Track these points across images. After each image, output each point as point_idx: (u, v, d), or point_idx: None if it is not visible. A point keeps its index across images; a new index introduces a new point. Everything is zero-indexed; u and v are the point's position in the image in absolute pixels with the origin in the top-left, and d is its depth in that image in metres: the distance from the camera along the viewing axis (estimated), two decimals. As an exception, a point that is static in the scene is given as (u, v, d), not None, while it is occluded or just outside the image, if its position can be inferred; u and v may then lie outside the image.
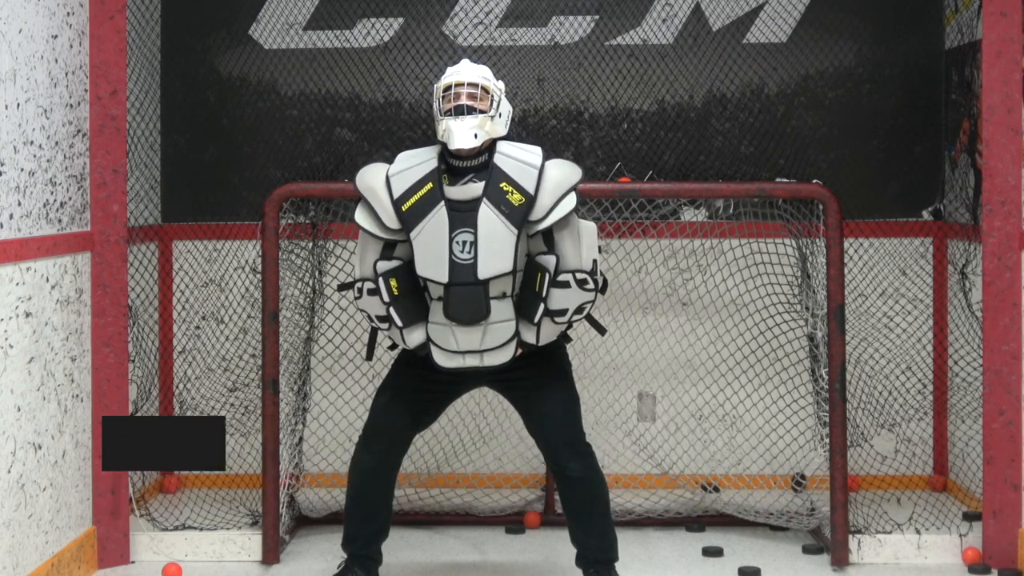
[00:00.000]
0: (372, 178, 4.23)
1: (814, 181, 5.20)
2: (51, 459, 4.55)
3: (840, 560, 4.95)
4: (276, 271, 5.04)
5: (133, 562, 5.02)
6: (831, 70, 5.79)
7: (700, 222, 5.73)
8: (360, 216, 4.23)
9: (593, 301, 4.22)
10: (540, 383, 4.34)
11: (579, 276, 4.17)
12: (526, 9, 5.80)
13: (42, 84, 4.47)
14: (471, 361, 4.20)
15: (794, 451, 5.74)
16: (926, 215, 5.83)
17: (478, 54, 5.75)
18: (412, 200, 4.15)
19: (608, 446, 5.84)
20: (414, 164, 4.21)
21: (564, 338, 4.39)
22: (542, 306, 4.16)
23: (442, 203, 4.13)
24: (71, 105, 4.72)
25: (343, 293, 5.64)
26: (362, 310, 4.29)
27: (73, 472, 4.75)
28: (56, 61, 4.59)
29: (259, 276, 5.63)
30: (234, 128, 5.83)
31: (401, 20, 5.80)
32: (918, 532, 5.04)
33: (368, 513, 4.46)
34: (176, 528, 5.12)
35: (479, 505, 5.60)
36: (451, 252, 4.11)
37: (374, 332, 4.39)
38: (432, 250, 4.12)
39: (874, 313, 5.82)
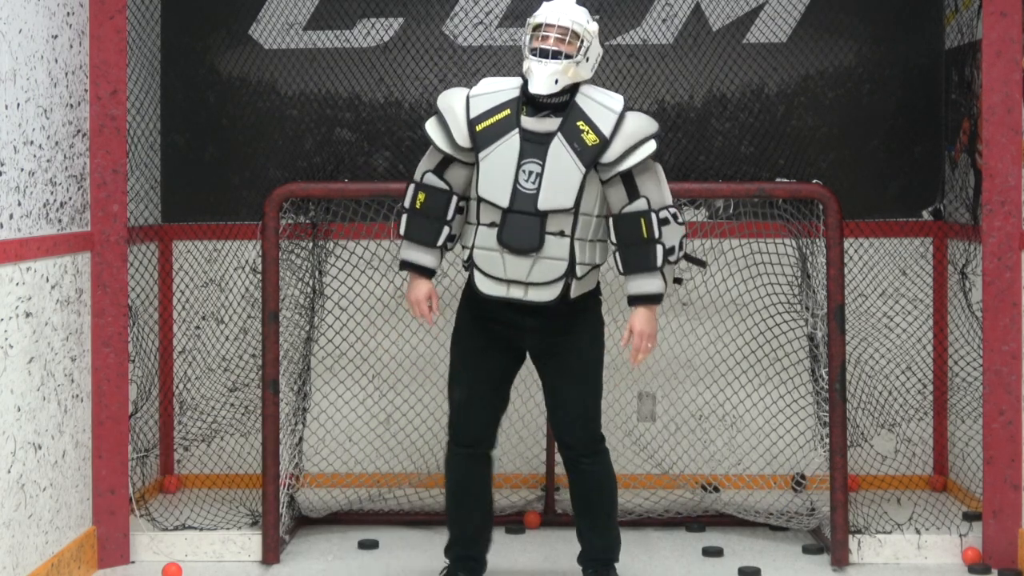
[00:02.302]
0: (452, 97, 4.26)
1: (814, 181, 5.20)
2: (51, 459, 4.55)
3: (840, 560, 4.95)
4: (276, 271, 5.04)
5: (133, 562, 5.02)
6: (831, 70, 5.79)
7: (700, 222, 5.73)
8: (431, 127, 4.26)
9: (686, 235, 4.26)
10: (571, 370, 4.33)
11: (672, 211, 4.22)
12: (526, 9, 5.79)
13: (42, 84, 4.47)
14: (515, 292, 4.19)
15: (794, 451, 5.74)
16: (926, 215, 5.83)
17: (478, 54, 5.75)
18: (488, 122, 4.17)
19: (608, 446, 5.83)
20: (496, 89, 4.23)
21: (677, 280, 4.39)
22: (659, 247, 4.17)
23: (516, 131, 4.15)
24: (71, 105, 4.72)
25: (344, 292, 5.64)
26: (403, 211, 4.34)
27: (73, 472, 4.75)
28: (56, 61, 4.59)
29: (259, 276, 5.63)
30: (234, 128, 5.83)
31: (401, 20, 5.80)
32: (918, 532, 5.04)
33: (467, 510, 4.44)
34: (176, 528, 5.12)
35: (479, 505, 5.60)
36: (516, 179, 4.13)
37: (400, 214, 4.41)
38: (498, 174, 4.14)
39: (874, 313, 5.82)
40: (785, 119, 5.79)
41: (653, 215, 4.17)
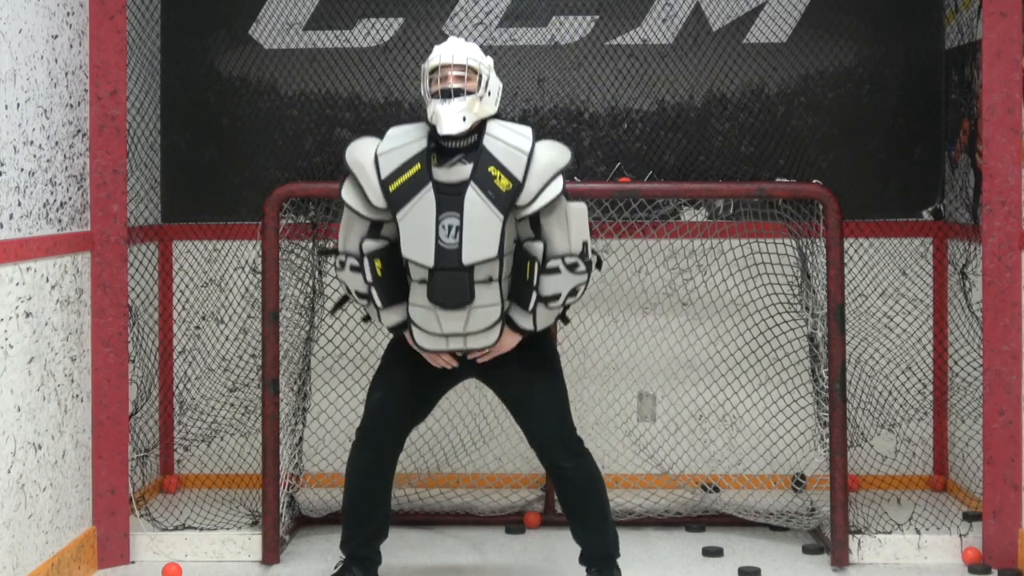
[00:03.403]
0: (361, 154, 4.19)
1: (814, 181, 5.19)
2: (51, 459, 4.55)
3: (840, 560, 4.95)
4: (276, 271, 5.04)
5: (133, 562, 5.02)
6: (831, 70, 5.79)
7: (700, 222, 5.73)
8: (347, 193, 4.20)
9: (587, 282, 4.21)
10: (528, 379, 4.33)
11: (568, 261, 4.15)
12: (526, 9, 5.80)
13: (42, 84, 4.47)
14: (455, 344, 4.19)
15: (794, 451, 5.74)
16: (926, 215, 5.83)
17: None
18: (399, 181, 4.11)
19: (608, 446, 5.84)
20: (403, 143, 4.17)
21: (563, 319, 4.37)
22: (535, 294, 4.15)
23: (429, 185, 4.10)
24: (71, 105, 4.72)
25: (344, 292, 5.64)
26: (342, 280, 4.30)
27: (73, 472, 4.75)
28: (56, 61, 4.59)
29: (259, 276, 5.63)
30: (234, 128, 5.83)
31: (401, 20, 5.80)
32: (918, 532, 5.04)
33: (366, 514, 4.45)
34: (176, 528, 5.12)
35: (479, 505, 5.60)
36: (437, 236, 4.09)
37: (346, 297, 4.40)
38: (418, 233, 4.10)
39: (874, 313, 5.82)
40: (785, 119, 5.79)
41: (536, 264, 4.13)
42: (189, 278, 5.84)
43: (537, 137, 4.19)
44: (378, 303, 4.21)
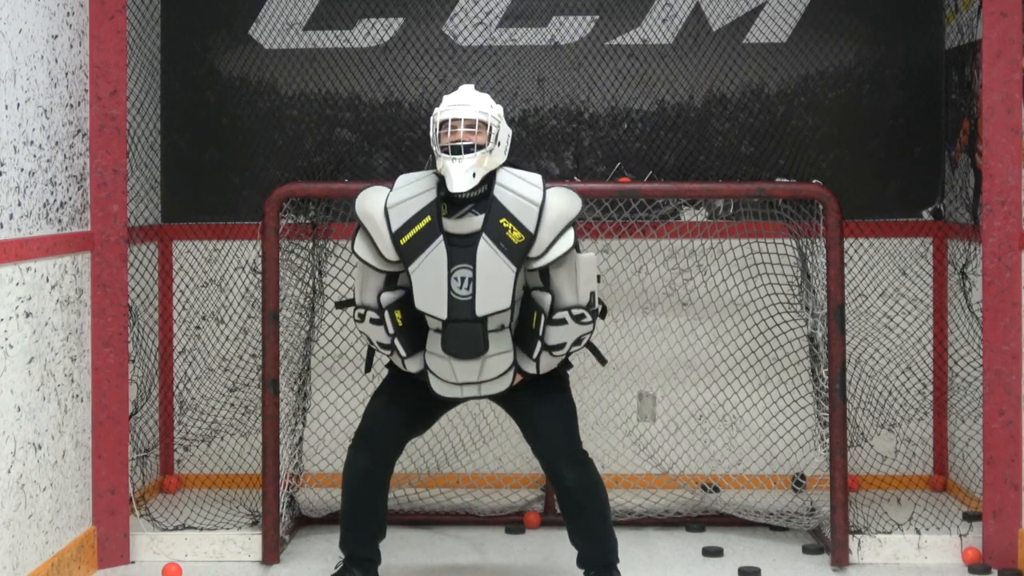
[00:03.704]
0: (371, 206, 4.18)
1: (814, 181, 5.19)
2: (51, 459, 4.55)
3: (840, 560, 4.95)
4: (276, 271, 5.04)
5: (133, 562, 5.02)
6: (831, 70, 5.79)
7: (700, 222, 5.73)
8: (360, 247, 4.20)
9: (592, 332, 4.23)
10: (536, 393, 4.34)
11: (575, 312, 4.17)
12: (526, 9, 5.80)
13: (42, 84, 4.47)
14: (469, 392, 4.24)
15: (794, 451, 5.74)
16: (926, 215, 5.83)
17: (478, 54, 5.75)
18: (411, 234, 4.11)
19: (608, 446, 5.84)
20: (413, 194, 4.16)
21: (565, 365, 4.39)
22: (539, 343, 4.17)
23: (440, 237, 4.10)
24: (71, 105, 4.72)
25: (344, 292, 5.64)
26: (362, 332, 4.29)
27: (73, 472, 4.75)
28: (56, 61, 4.59)
29: (259, 276, 5.63)
30: (234, 128, 5.83)
31: (401, 20, 5.80)
32: (918, 532, 5.04)
33: (364, 515, 4.46)
34: (176, 528, 5.12)
35: (479, 505, 5.60)
36: (449, 288, 4.10)
37: (372, 349, 4.40)
38: (430, 285, 4.11)
39: (874, 313, 5.82)
40: (785, 119, 5.79)
41: (543, 317, 4.14)
42: (189, 278, 5.84)
43: (547, 184, 4.20)
44: (402, 353, 4.22)
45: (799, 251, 5.46)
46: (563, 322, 4.16)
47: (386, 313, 4.17)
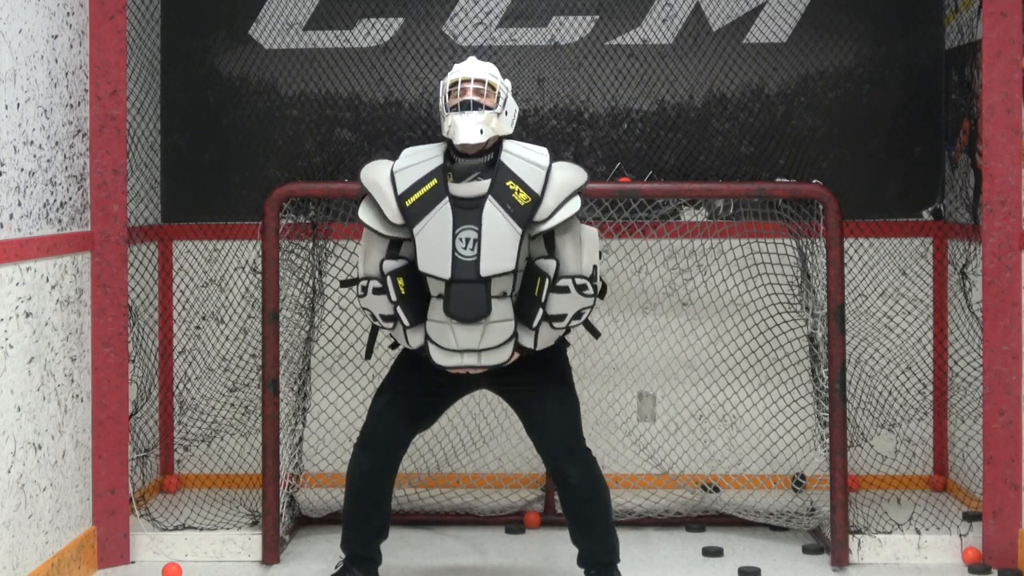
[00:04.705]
0: (376, 174, 4.19)
1: (814, 181, 5.19)
2: (51, 459, 4.55)
3: (840, 560, 4.95)
4: (276, 271, 5.04)
5: (133, 562, 5.02)
6: (831, 70, 5.79)
7: (700, 222, 5.73)
8: (364, 213, 4.19)
9: (592, 307, 4.21)
10: (539, 388, 4.33)
11: (579, 282, 4.15)
12: (526, 9, 5.80)
13: (42, 84, 4.47)
14: (469, 360, 4.17)
15: (794, 451, 5.74)
16: (926, 215, 5.83)
17: (478, 54, 5.75)
18: (416, 196, 4.11)
19: (608, 446, 5.84)
20: (419, 161, 4.18)
21: (563, 342, 4.38)
22: (541, 311, 4.14)
23: (446, 199, 4.10)
24: (71, 105, 4.72)
25: (344, 292, 5.65)
26: (365, 308, 4.26)
27: (73, 472, 4.75)
28: (56, 61, 4.59)
29: (259, 276, 5.63)
30: (234, 128, 5.83)
31: (401, 20, 5.80)
32: (918, 532, 5.04)
33: (366, 515, 4.45)
34: (176, 528, 5.12)
35: (479, 505, 5.60)
36: (454, 248, 4.08)
37: (374, 331, 4.37)
38: (434, 246, 4.09)
39: (874, 313, 5.82)
40: (785, 119, 5.79)
41: (547, 281, 4.13)
42: (189, 278, 5.84)
43: (553, 158, 4.21)
44: (405, 322, 4.18)
45: (799, 251, 5.46)
46: (566, 290, 4.14)
47: (388, 279, 4.15)
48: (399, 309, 4.17)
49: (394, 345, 4.41)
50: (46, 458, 4.51)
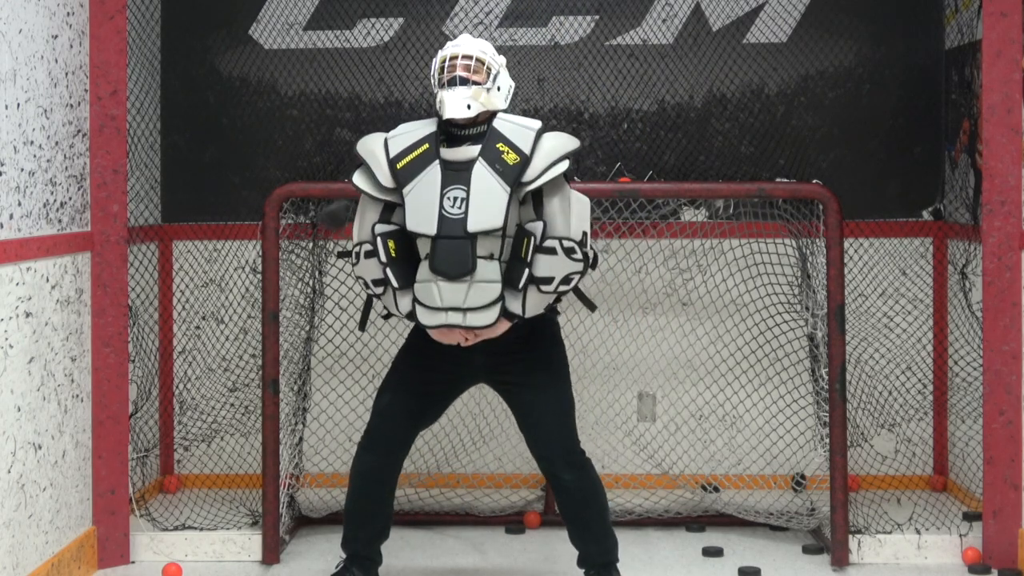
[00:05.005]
0: (372, 142, 4.27)
1: (814, 181, 5.19)
2: (51, 459, 4.55)
3: (840, 560, 4.95)
4: (276, 271, 5.04)
5: (133, 562, 5.02)
6: (831, 70, 5.79)
7: (700, 222, 5.73)
8: (358, 177, 4.24)
9: (582, 273, 4.18)
10: (536, 387, 4.32)
11: (566, 244, 4.13)
12: (526, 9, 5.80)
13: (42, 84, 4.47)
14: (454, 318, 4.13)
15: (794, 451, 5.74)
16: (926, 215, 5.83)
17: (478, 54, 5.75)
18: (408, 159, 4.16)
19: (608, 446, 5.84)
20: (413, 129, 4.25)
21: (552, 311, 4.35)
22: (527, 271, 4.13)
23: (436, 162, 4.14)
24: (71, 105, 4.72)
25: (344, 292, 5.64)
26: (359, 277, 4.28)
27: (73, 472, 4.75)
28: (56, 61, 4.59)
29: (259, 276, 5.63)
30: (234, 128, 5.83)
31: (401, 20, 5.80)
32: (918, 532, 5.04)
33: (368, 515, 4.45)
34: (176, 528, 5.12)
35: (479, 505, 5.60)
36: (441, 207, 4.11)
37: (369, 301, 4.40)
38: (423, 205, 4.12)
39: (874, 313, 5.82)
40: (785, 119, 5.79)
41: (533, 239, 4.13)
42: (189, 278, 5.84)
43: (545, 128, 4.25)
44: (394, 283, 4.18)
45: (799, 251, 5.46)
46: (552, 251, 4.12)
47: (379, 240, 4.17)
48: (388, 270, 4.18)
49: (388, 316, 4.42)
50: (46, 458, 4.51)
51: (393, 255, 4.18)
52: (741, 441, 5.89)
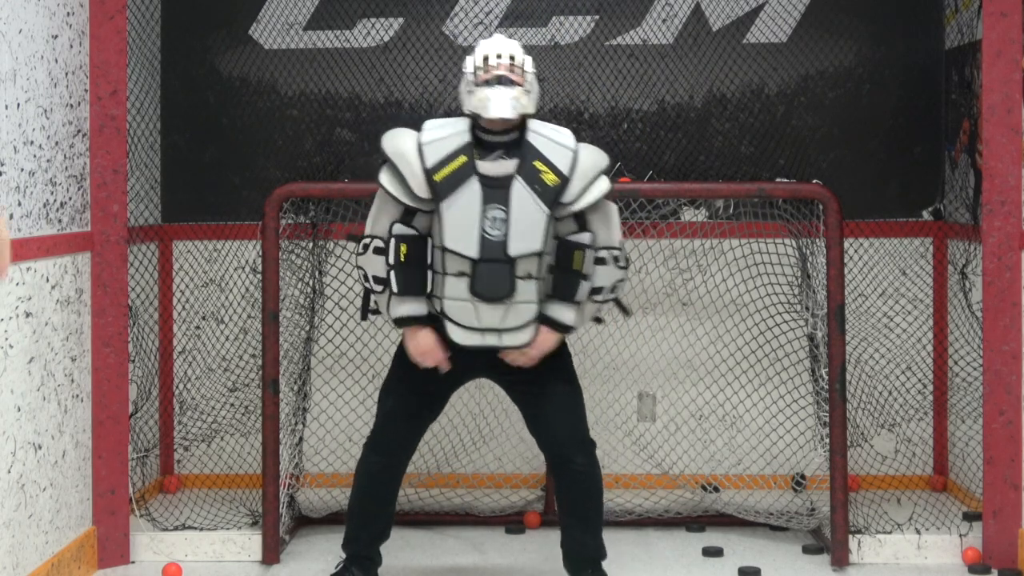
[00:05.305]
0: (403, 143, 4.19)
1: (814, 181, 5.20)
2: (51, 459, 4.55)
3: (840, 560, 4.95)
4: (276, 271, 5.04)
5: (133, 562, 5.02)
6: (831, 70, 5.79)
7: (700, 222, 5.73)
8: (385, 179, 4.18)
9: (624, 281, 4.27)
10: (543, 383, 4.32)
11: (615, 253, 4.22)
12: (526, 9, 5.80)
13: (42, 84, 4.47)
14: (490, 340, 4.17)
15: (794, 451, 5.74)
16: (926, 215, 5.83)
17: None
18: (445, 171, 4.11)
19: (608, 446, 5.84)
20: (446, 135, 4.18)
21: (597, 320, 4.43)
22: (582, 284, 4.16)
23: (475, 177, 4.11)
24: (71, 105, 4.72)
25: (344, 292, 5.64)
26: (359, 267, 4.26)
27: (73, 472, 4.75)
28: (56, 61, 4.59)
29: (259, 276, 5.63)
30: (234, 128, 5.83)
31: (401, 20, 5.80)
32: (918, 532, 5.04)
33: (372, 515, 4.47)
34: (176, 528, 5.12)
35: (479, 505, 5.60)
36: (482, 228, 4.10)
37: (368, 292, 4.38)
38: (463, 224, 4.10)
39: (874, 313, 5.82)
40: (785, 119, 5.79)
41: (589, 251, 4.17)
42: (189, 278, 5.84)
43: (578, 139, 4.26)
44: (394, 288, 4.18)
45: (799, 251, 5.46)
46: (604, 262, 4.21)
47: (393, 241, 4.16)
48: (392, 274, 4.16)
49: (376, 312, 4.37)
50: (46, 458, 4.51)
51: (403, 260, 4.16)
52: (741, 441, 5.89)
